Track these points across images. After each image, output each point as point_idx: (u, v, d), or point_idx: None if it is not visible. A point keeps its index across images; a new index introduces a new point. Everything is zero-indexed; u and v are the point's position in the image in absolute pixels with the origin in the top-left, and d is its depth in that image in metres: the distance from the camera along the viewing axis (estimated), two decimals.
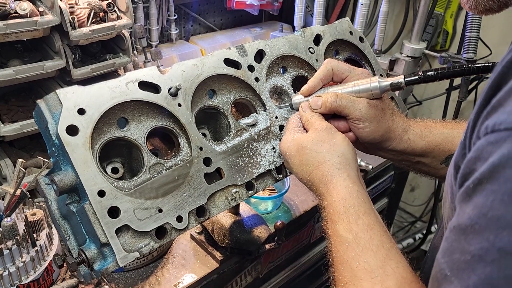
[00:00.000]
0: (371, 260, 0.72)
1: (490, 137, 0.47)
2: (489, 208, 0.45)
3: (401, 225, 3.40)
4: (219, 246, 1.41)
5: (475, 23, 1.89)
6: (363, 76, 0.98)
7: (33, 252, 1.22)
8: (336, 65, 1.00)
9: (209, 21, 2.63)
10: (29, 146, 1.72)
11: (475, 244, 0.46)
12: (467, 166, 0.51)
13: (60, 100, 0.82)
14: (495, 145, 0.46)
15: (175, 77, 0.95)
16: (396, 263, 0.71)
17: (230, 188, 0.97)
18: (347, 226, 0.77)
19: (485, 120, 0.49)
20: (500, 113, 0.47)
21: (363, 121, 0.94)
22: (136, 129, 0.90)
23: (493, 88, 0.51)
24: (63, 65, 1.55)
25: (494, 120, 0.47)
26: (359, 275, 0.71)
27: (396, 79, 0.93)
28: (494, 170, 0.45)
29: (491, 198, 0.45)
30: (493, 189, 0.45)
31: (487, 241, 0.45)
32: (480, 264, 0.45)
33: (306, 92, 1.02)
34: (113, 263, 0.79)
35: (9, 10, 1.36)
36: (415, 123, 1.02)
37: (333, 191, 0.83)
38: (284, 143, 0.96)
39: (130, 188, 0.84)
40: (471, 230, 0.47)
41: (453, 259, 0.49)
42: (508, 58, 0.50)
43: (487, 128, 0.48)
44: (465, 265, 0.47)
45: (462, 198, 0.51)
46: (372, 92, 0.94)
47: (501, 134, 0.46)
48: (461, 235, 0.49)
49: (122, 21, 1.64)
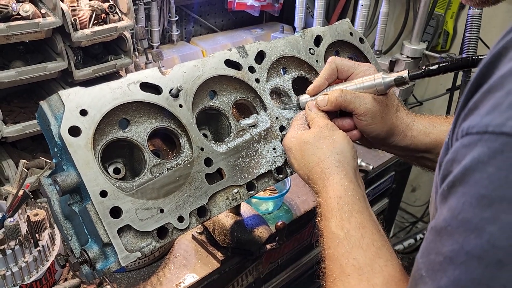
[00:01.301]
0: (360, 258, 0.73)
1: (464, 140, 0.48)
2: (460, 211, 0.46)
3: (402, 226, 3.41)
4: (220, 246, 1.42)
5: (475, 23, 1.90)
6: (369, 72, 0.99)
7: (35, 252, 1.22)
8: (340, 62, 1.01)
9: (210, 22, 2.64)
10: (31, 147, 1.73)
11: (448, 246, 0.47)
12: (445, 167, 0.52)
13: (62, 101, 0.82)
14: (467, 148, 0.47)
15: (176, 78, 0.96)
16: (385, 261, 0.72)
17: (231, 189, 0.97)
18: (340, 223, 0.78)
19: (462, 122, 0.50)
20: (474, 116, 0.47)
21: (368, 117, 0.95)
22: (138, 130, 0.90)
23: (471, 90, 0.51)
24: (65, 67, 1.56)
25: (469, 123, 0.48)
26: (347, 271, 0.72)
27: (400, 74, 0.94)
28: (465, 173, 0.46)
29: (462, 200, 0.46)
30: (464, 192, 0.46)
31: (457, 243, 0.45)
32: (451, 266, 0.46)
33: (312, 91, 1.04)
34: (115, 263, 0.80)
35: (11, 12, 1.37)
36: (419, 119, 1.02)
37: (329, 188, 0.84)
38: (287, 138, 0.99)
39: (131, 188, 0.85)
40: (445, 231, 0.48)
41: (429, 260, 0.50)
42: (486, 59, 0.50)
43: (463, 131, 0.48)
44: (439, 266, 0.48)
45: (440, 199, 0.51)
46: (377, 88, 0.95)
47: (473, 138, 0.46)
48: (437, 236, 0.50)
49: (123, 23, 1.64)
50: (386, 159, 2.11)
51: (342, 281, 0.72)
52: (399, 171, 2.32)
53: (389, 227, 2.80)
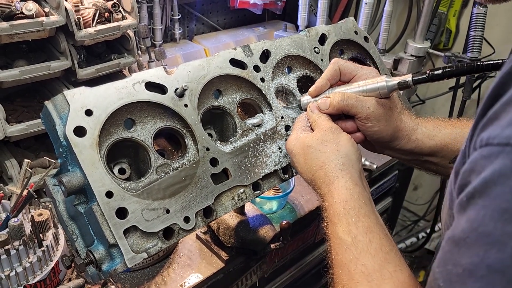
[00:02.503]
0: (368, 264, 0.72)
1: (483, 150, 0.47)
2: (479, 223, 0.46)
3: (404, 224, 3.40)
4: (224, 246, 1.41)
5: (479, 22, 1.88)
6: (371, 75, 0.98)
7: (39, 253, 1.22)
8: (343, 64, 1.00)
9: (213, 20, 2.63)
10: (34, 146, 1.72)
11: (467, 258, 0.47)
12: (463, 177, 0.51)
13: (67, 101, 0.82)
14: (487, 159, 0.46)
15: (181, 77, 0.96)
16: (394, 267, 0.71)
17: (237, 189, 0.97)
18: (347, 228, 0.77)
19: (481, 131, 0.49)
20: (495, 126, 0.47)
21: (371, 120, 0.94)
22: (143, 130, 0.90)
23: (491, 99, 0.50)
24: (68, 66, 1.55)
25: (489, 133, 0.47)
26: (356, 278, 0.71)
27: (403, 78, 0.93)
28: (485, 186, 0.46)
29: (482, 213, 0.46)
30: (484, 205, 0.46)
31: (477, 256, 0.45)
32: (471, 278, 0.45)
33: (313, 92, 1.02)
34: (121, 263, 0.80)
35: (15, 11, 1.36)
36: (423, 122, 1.01)
37: (334, 192, 0.83)
38: (290, 141, 0.97)
39: (137, 189, 0.84)
40: (463, 243, 0.48)
41: (447, 270, 0.50)
42: (506, 68, 0.50)
43: (482, 141, 0.48)
44: (457, 278, 0.48)
45: (458, 209, 0.51)
46: (380, 91, 0.94)
47: (494, 149, 0.46)
48: (455, 247, 0.49)
49: (127, 21, 1.64)
50: (390, 158, 2.10)
51: None
52: (402, 170, 2.32)
53: (392, 226, 2.79)
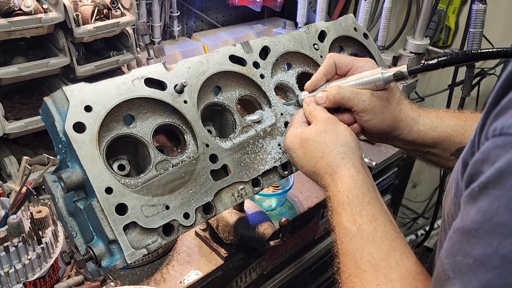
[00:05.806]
0: (374, 252, 0.72)
1: (497, 140, 0.47)
2: (493, 214, 0.45)
3: (403, 222, 3.40)
4: (223, 243, 1.41)
5: (479, 19, 1.88)
6: (367, 67, 0.97)
7: (39, 250, 1.22)
8: (338, 58, 1.00)
9: (212, 17, 2.63)
10: (33, 144, 1.72)
11: (478, 249, 0.46)
12: (474, 167, 0.51)
13: (67, 97, 0.82)
14: (502, 149, 0.45)
15: (181, 74, 0.95)
16: (401, 254, 0.71)
17: (237, 185, 0.97)
18: (351, 217, 0.77)
19: (494, 121, 0.48)
20: (508, 116, 0.46)
21: (368, 113, 0.94)
22: (142, 126, 0.90)
23: (503, 88, 0.50)
24: (67, 62, 1.54)
25: (503, 122, 0.46)
26: (363, 267, 0.71)
27: (399, 69, 0.92)
28: (500, 176, 0.45)
29: (496, 203, 0.45)
30: (498, 195, 0.45)
31: (490, 247, 0.45)
32: (482, 269, 0.45)
33: (310, 87, 1.03)
34: (121, 260, 0.80)
35: (13, 7, 1.35)
36: (426, 113, 1.00)
37: (338, 181, 0.83)
38: (287, 138, 0.97)
39: (137, 185, 0.84)
40: (474, 234, 0.47)
41: (456, 261, 0.49)
42: None
43: (495, 130, 0.47)
44: (467, 269, 0.47)
45: (467, 199, 0.50)
46: (376, 83, 0.94)
47: (509, 139, 0.45)
48: (464, 237, 0.49)
49: (126, 18, 1.63)
50: (389, 155, 2.10)
51: (359, 277, 0.71)
52: (401, 167, 2.32)
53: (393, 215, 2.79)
